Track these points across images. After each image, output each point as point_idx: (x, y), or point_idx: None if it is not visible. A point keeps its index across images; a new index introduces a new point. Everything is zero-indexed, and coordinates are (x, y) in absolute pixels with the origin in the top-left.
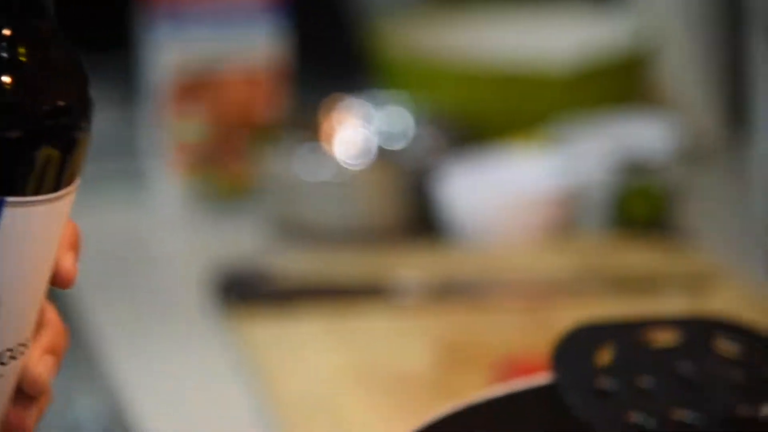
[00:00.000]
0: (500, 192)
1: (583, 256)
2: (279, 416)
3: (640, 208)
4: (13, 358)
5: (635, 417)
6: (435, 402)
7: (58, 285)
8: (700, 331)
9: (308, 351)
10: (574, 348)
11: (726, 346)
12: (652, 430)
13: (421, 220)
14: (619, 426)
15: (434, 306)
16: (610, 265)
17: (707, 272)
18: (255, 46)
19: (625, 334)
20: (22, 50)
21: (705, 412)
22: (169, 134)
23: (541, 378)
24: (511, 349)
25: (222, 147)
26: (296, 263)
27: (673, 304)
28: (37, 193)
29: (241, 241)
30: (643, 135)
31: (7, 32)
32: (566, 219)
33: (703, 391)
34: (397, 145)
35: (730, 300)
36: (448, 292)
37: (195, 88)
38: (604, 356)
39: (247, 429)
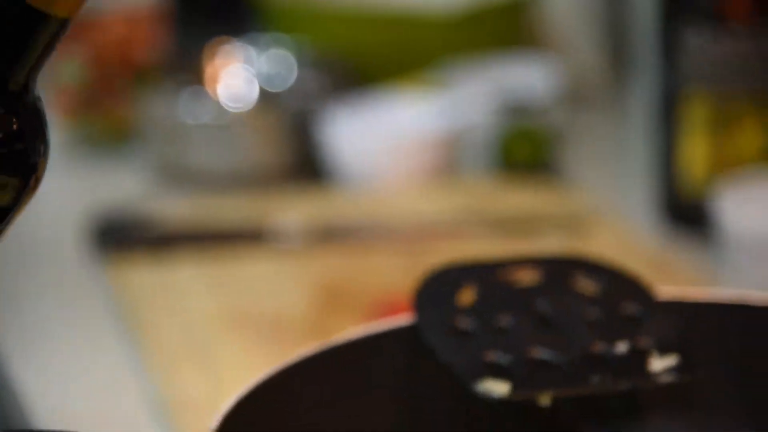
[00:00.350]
0: (384, 135)
1: (466, 198)
2: (153, 362)
3: (523, 150)
4: None
5: (492, 356)
6: (309, 345)
7: None
8: (560, 269)
9: (185, 297)
10: (436, 289)
11: (585, 285)
12: (508, 367)
13: (304, 163)
14: (477, 365)
15: (315, 250)
16: (492, 206)
17: (587, 214)
18: None
19: (487, 274)
20: None
21: (562, 350)
22: (46, 76)
23: (403, 319)
24: (390, 292)
25: (101, 89)
26: (177, 208)
27: (552, 246)
28: None
29: (121, 186)
30: (525, 77)
31: None
32: (449, 161)
33: (561, 328)
34: (280, 89)
35: (608, 241)
36: (331, 236)
37: (73, 28)
38: (466, 297)
39: (122, 375)
